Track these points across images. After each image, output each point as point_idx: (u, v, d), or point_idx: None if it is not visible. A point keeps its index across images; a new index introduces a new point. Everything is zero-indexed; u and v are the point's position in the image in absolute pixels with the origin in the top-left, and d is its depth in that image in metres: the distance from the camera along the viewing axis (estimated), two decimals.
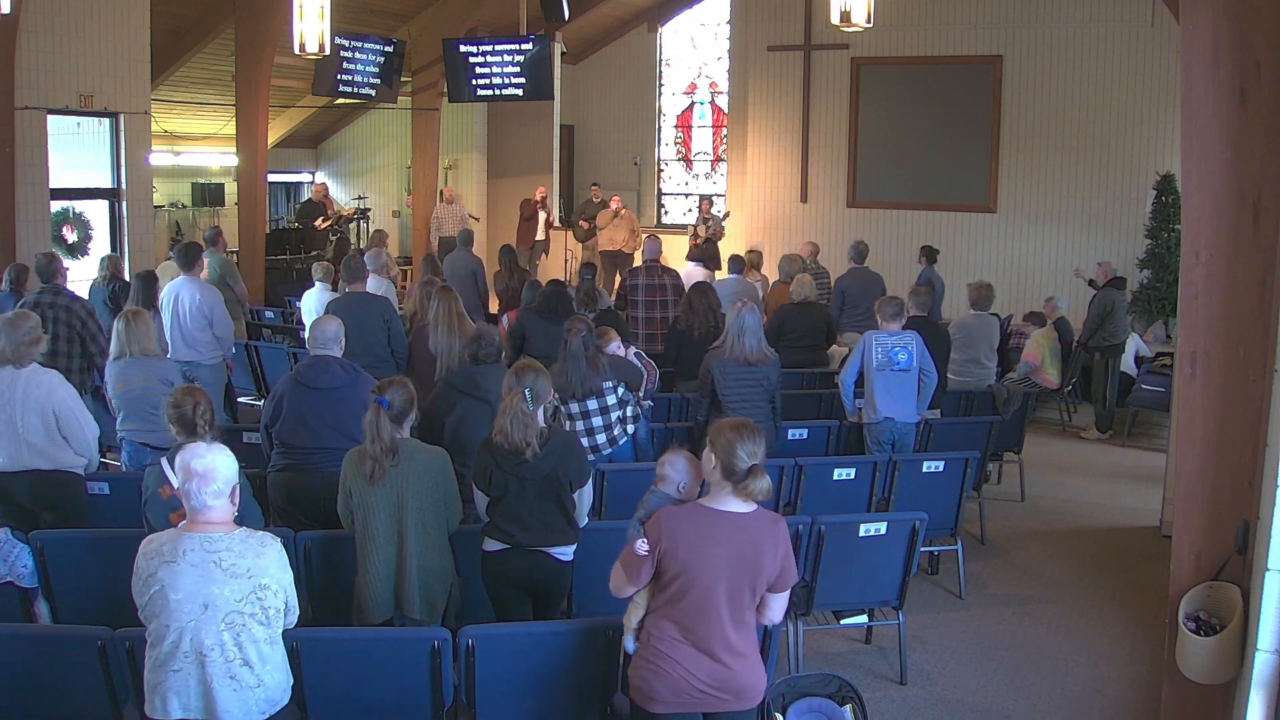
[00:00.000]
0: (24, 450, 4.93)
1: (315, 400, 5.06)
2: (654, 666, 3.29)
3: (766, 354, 6.12)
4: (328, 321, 5.41)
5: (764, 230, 14.83)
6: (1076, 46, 13.04)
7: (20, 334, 4.92)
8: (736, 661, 3.29)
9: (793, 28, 14.64)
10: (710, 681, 3.27)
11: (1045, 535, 7.22)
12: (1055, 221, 13.34)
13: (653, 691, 3.29)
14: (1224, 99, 3.69)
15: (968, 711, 4.90)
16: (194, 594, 3.07)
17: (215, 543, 3.13)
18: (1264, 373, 3.67)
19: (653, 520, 3.34)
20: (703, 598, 3.25)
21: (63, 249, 10.43)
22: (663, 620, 3.31)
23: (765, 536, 3.30)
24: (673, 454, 3.82)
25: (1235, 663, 3.66)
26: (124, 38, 10.93)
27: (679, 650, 3.27)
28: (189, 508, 3.18)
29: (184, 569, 3.08)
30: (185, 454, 3.19)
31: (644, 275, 9.04)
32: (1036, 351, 9.43)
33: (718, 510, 3.31)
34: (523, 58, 14.07)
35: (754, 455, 3.28)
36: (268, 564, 3.19)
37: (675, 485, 3.71)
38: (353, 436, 4.73)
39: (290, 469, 5.02)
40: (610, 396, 5.72)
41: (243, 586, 3.12)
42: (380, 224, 15.98)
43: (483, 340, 5.26)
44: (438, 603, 4.24)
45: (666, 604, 3.30)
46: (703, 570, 3.24)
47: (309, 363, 5.24)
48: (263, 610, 3.16)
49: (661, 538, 3.27)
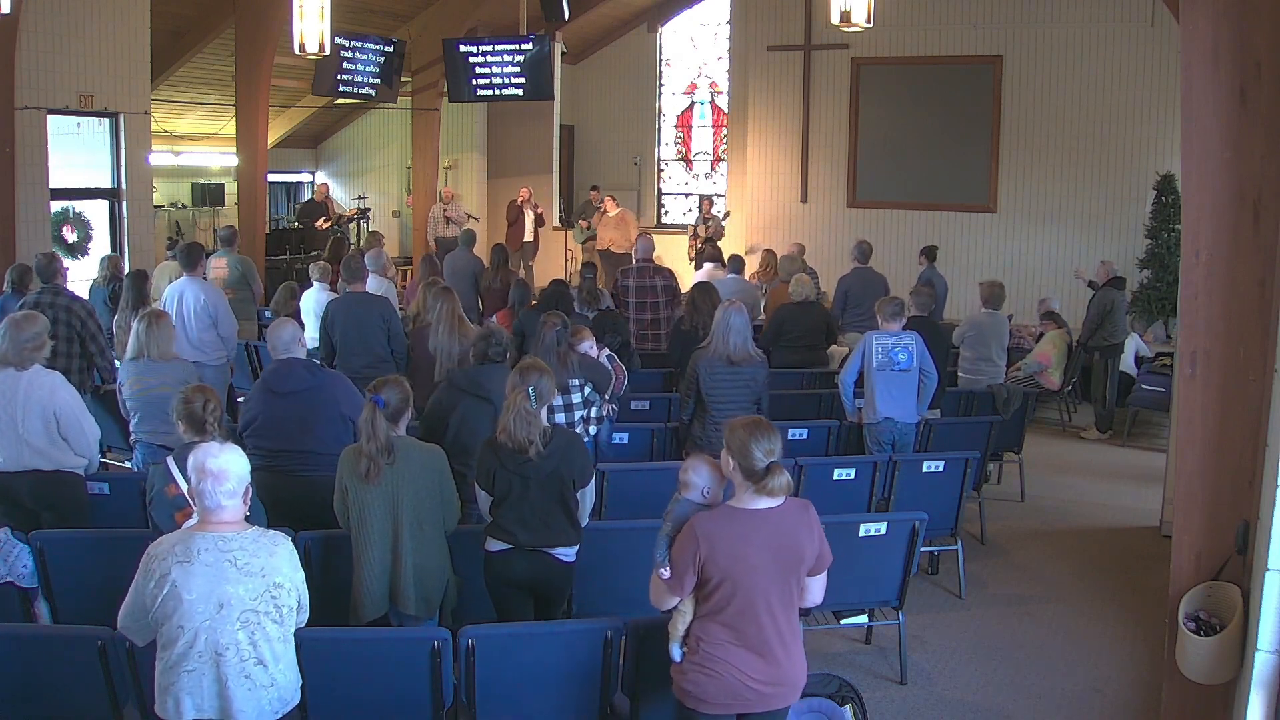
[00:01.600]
0: (25, 451, 4.92)
1: (284, 404, 5.07)
2: (707, 670, 3.30)
3: (752, 354, 6.06)
4: (282, 326, 5.39)
5: (764, 230, 14.83)
6: (1076, 46, 13.03)
7: (24, 337, 4.92)
8: (785, 655, 3.33)
9: (793, 28, 14.63)
10: (764, 679, 3.30)
11: (1045, 535, 7.22)
12: (1055, 221, 13.34)
13: (705, 694, 3.31)
14: (1224, 99, 3.69)
15: (968, 711, 4.90)
16: (209, 594, 3.07)
17: (229, 542, 3.13)
18: (1264, 373, 3.67)
19: (686, 529, 3.33)
20: (749, 599, 3.26)
21: (63, 249, 10.42)
22: (711, 625, 3.32)
23: (800, 524, 3.34)
24: (693, 459, 3.77)
25: (1235, 663, 3.66)
26: (124, 38, 10.93)
27: (732, 653, 3.29)
28: (202, 507, 3.18)
29: (198, 569, 3.08)
30: (199, 453, 3.20)
31: (635, 276, 9.02)
32: (1050, 352, 9.47)
33: (749, 510, 3.31)
34: (523, 58, 14.07)
35: (770, 453, 3.29)
36: (280, 563, 3.20)
37: (700, 490, 3.66)
38: (320, 438, 4.74)
39: (264, 469, 4.96)
40: (575, 395, 5.72)
41: (257, 585, 3.12)
42: (380, 224, 15.99)
43: (492, 339, 5.26)
44: (433, 600, 4.24)
45: (714, 609, 3.31)
46: (746, 572, 3.25)
47: (274, 367, 5.24)
48: (276, 609, 3.17)
49: (700, 546, 3.27)
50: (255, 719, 3.15)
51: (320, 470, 4.80)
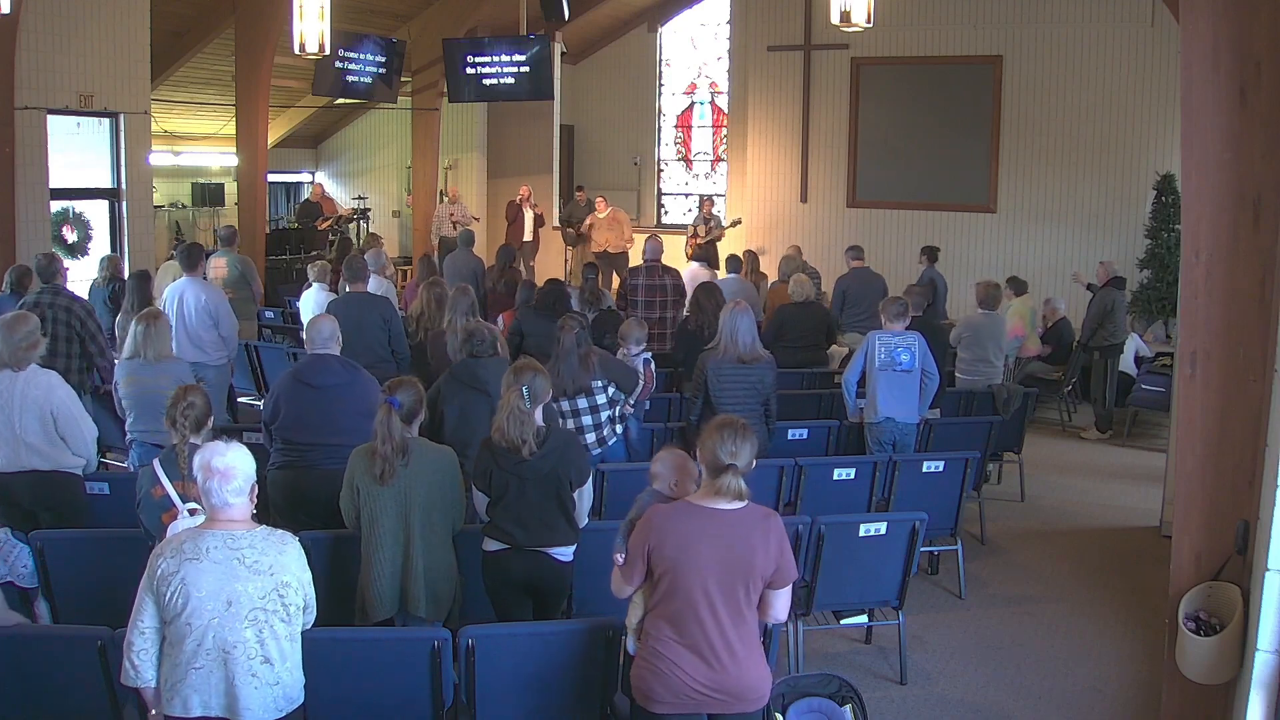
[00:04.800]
0: (22, 451, 4.92)
1: (315, 398, 5.07)
2: (651, 667, 3.29)
3: (760, 354, 6.09)
4: (323, 321, 5.42)
5: (764, 230, 14.83)
6: (1076, 46, 13.04)
7: (17, 338, 4.91)
8: (733, 663, 3.25)
9: (793, 28, 14.64)
10: (705, 683, 3.24)
11: (1045, 535, 7.22)
12: (1055, 221, 13.35)
13: (652, 692, 3.29)
14: (1224, 99, 3.69)
15: (968, 711, 4.90)
16: (217, 591, 3.07)
17: (238, 540, 3.14)
18: (1264, 373, 3.67)
19: (642, 519, 3.35)
20: (689, 596, 3.23)
21: (63, 249, 10.41)
22: (658, 620, 3.31)
23: (755, 532, 3.26)
24: (664, 451, 3.83)
25: (1235, 663, 3.66)
26: (124, 38, 10.92)
27: (673, 650, 3.26)
28: (209, 505, 3.19)
29: (207, 566, 3.08)
30: (205, 452, 3.20)
31: (644, 275, 9.04)
32: (1020, 323, 9.52)
33: (706, 507, 3.29)
34: (523, 58, 14.07)
35: (732, 455, 3.25)
36: (289, 561, 3.21)
37: (665, 482, 3.71)
38: (351, 433, 4.74)
39: (289, 466, 5.03)
40: (600, 396, 5.71)
41: (265, 583, 3.13)
42: (380, 224, 15.99)
43: (474, 338, 5.28)
44: (444, 601, 4.25)
45: (660, 603, 3.30)
46: (689, 568, 3.22)
47: (308, 361, 5.25)
48: (284, 607, 3.17)
49: (650, 535, 3.27)
50: (261, 716, 3.15)
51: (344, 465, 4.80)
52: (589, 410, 5.69)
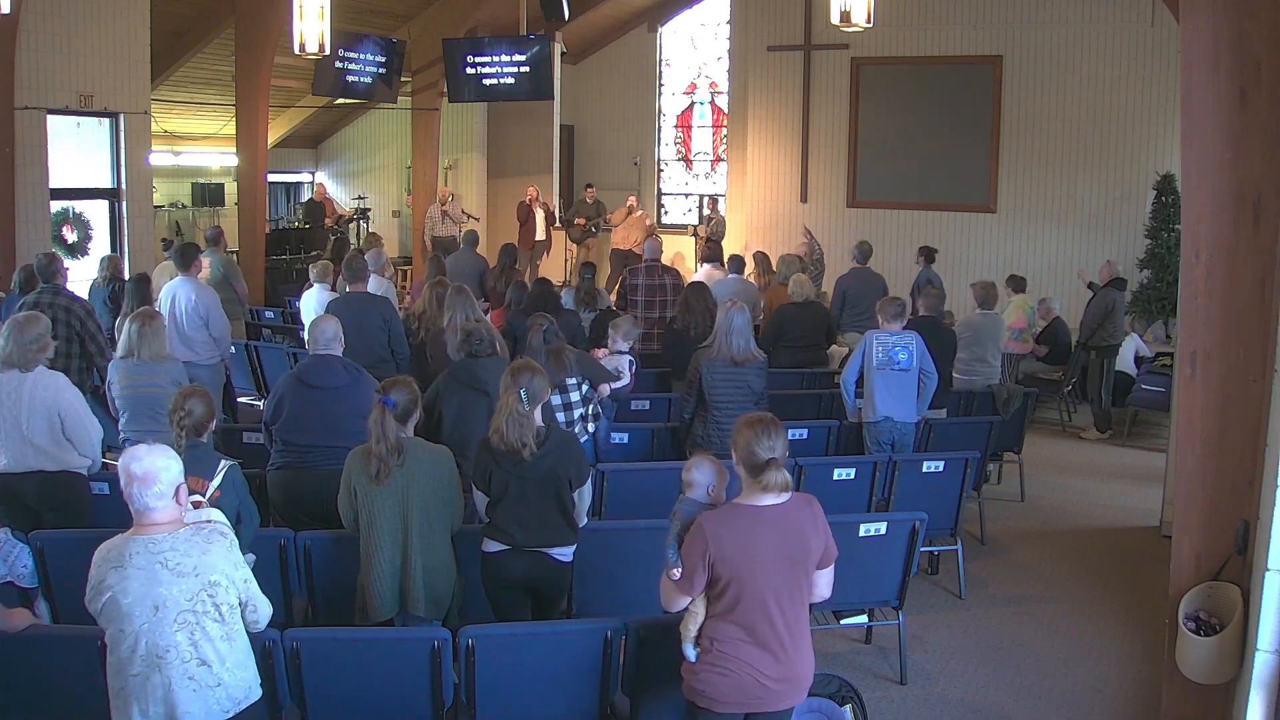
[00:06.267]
0: (29, 452, 4.92)
1: (317, 399, 5.07)
2: (720, 670, 3.31)
3: (754, 355, 6.08)
4: (326, 322, 5.42)
5: (764, 230, 14.83)
6: (1076, 46, 13.04)
7: (27, 339, 4.91)
8: (795, 651, 3.34)
9: (793, 28, 14.64)
10: (776, 676, 3.31)
11: (1045, 535, 7.22)
12: (1055, 221, 13.35)
13: (718, 694, 3.32)
14: (1224, 99, 3.70)
15: (968, 711, 4.90)
16: (143, 597, 3.03)
17: (159, 544, 3.08)
18: (1264, 373, 3.68)
19: (694, 528, 3.33)
20: (759, 596, 3.27)
21: (63, 249, 10.42)
22: (724, 624, 3.32)
23: (805, 518, 3.35)
24: (696, 458, 3.77)
25: (1235, 663, 3.66)
26: (124, 38, 10.92)
27: (745, 651, 3.30)
28: (133, 510, 3.13)
29: (131, 573, 3.04)
30: (125, 457, 3.15)
31: (644, 275, 9.04)
32: (1021, 316, 9.53)
33: (755, 506, 3.32)
34: (523, 58, 14.07)
35: (772, 449, 3.30)
36: (215, 560, 3.13)
37: (704, 489, 3.66)
38: (352, 435, 4.73)
39: (289, 467, 5.03)
40: (573, 393, 5.72)
41: (191, 585, 3.07)
42: (380, 224, 15.99)
43: (471, 338, 5.28)
44: (443, 601, 4.25)
45: (725, 609, 3.31)
46: (754, 569, 3.26)
47: (311, 362, 5.25)
48: (215, 608, 3.12)
49: (708, 545, 3.27)
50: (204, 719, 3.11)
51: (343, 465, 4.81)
52: (562, 407, 5.70)
